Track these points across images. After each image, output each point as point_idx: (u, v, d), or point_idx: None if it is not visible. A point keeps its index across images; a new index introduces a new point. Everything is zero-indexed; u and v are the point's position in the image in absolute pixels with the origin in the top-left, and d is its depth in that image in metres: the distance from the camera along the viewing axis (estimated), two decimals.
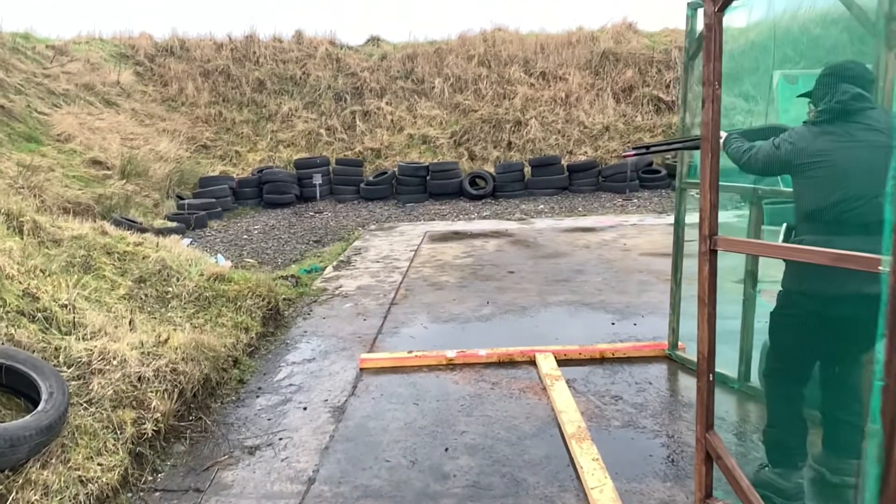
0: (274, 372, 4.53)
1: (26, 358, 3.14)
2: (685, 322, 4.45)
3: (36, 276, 4.10)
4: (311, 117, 16.56)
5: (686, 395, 3.89)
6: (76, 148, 11.81)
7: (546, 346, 4.63)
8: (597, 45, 17.31)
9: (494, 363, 4.48)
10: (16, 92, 12.54)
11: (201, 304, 5.08)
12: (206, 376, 3.90)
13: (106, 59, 16.67)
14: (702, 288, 2.63)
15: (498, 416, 3.70)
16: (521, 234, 9.31)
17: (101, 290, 4.69)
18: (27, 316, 3.66)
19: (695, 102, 4.33)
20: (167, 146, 13.70)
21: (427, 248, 8.53)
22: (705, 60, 2.53)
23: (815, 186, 2.72)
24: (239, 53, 18.15)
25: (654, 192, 13.23)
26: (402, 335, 5.22)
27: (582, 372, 4.28)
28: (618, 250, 7.88)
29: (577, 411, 3.61)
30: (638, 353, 4.52)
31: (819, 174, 2.69)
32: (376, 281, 6.95)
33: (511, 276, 6.87)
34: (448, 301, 6.05)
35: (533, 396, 3.95)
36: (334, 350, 4.91)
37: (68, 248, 4.98)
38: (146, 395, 3.48)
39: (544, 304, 5.80)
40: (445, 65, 17.62)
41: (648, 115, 15.61)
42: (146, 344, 3.82)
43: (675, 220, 4.43)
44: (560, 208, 12.01)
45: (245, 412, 3.90)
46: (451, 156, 15.25)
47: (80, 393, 3.32)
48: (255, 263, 8.21)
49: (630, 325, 5.19)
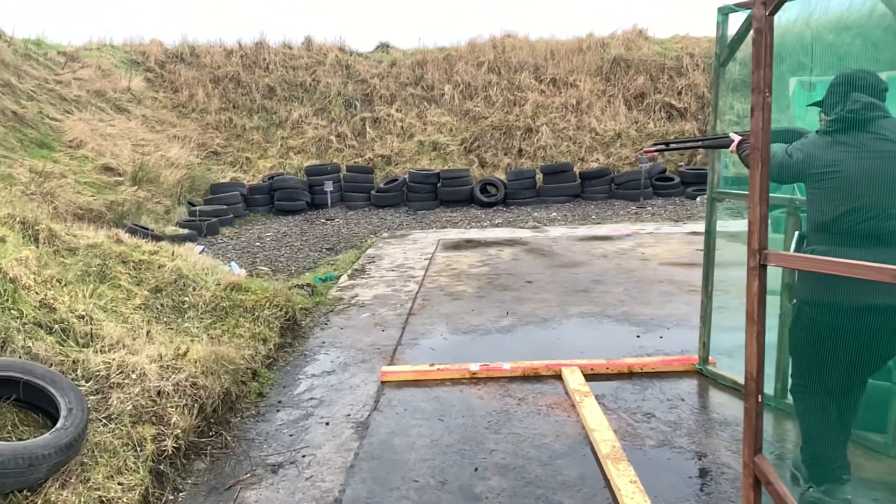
0: (294, 385, 4.42)
1: (44, 373, 3.05)
2: (716, 335, 4.34)
3: (52, 286, 4.02)
4: (322, 124, 16.51)
5: (721, 413, 3.77)
6: (88, 154, 11.78)
7: (572, 360, 4.51)
8: (607, 52, 17.23)
9: (519, 377, 4.37)
10: (28, 98, 12.53)
11: (218, 314, 4.99)
12: (226, 390, 3.80)
13: (117, 66, 16.68)
14: (750, 304, 2.52)
15: (527, 433, 3.59)
16: (535, 242, 9.20)
17: (117, 300, 4.61)
18: (44, 328, 3.57)
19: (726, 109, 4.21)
20: (178, 152, 13.66)
21: (441, 257, 8.43)
22: (755, 66, 2.42)
23: (826, 197, 2.69)
24: (249, 60, 18.14)
25: (668, 199, 13.12)
26: (421, 347, 5.11)
27: (610, 387, 4.16)
28: (636, 260, 7.76)
29: (610, 429, 3.49)
30: (667, 368, 4.39)
31: (830, 184, 2.65)
32: (392, 290, 6.84)
33: (529, 285, 6.76)
34: (466, 312, 5.94)
35: (562, 413, 3.83)
36: (354, 362, 4.80)
37: (84, 256, 4.90)
38: (166, 410, 3.38)
39: (565, 316, 5.68)
40: (455, 71, 17.56)
41: (661, 122, 15.50)
42: (165, 357, 3.72)
43: (705, 230, 4.32)
44: (573, 216, 11.90)
45: (266, 427, 3.79)
46: (461, 163, 15.17)
47: (98, 408, 3.23)
48: (269, 271, 8.12)
49: (656, 337, 5.07)
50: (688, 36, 18.29)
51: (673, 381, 4.25)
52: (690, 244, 8.52)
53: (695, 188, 13.30)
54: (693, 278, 6.73)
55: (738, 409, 3.75)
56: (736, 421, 3.59)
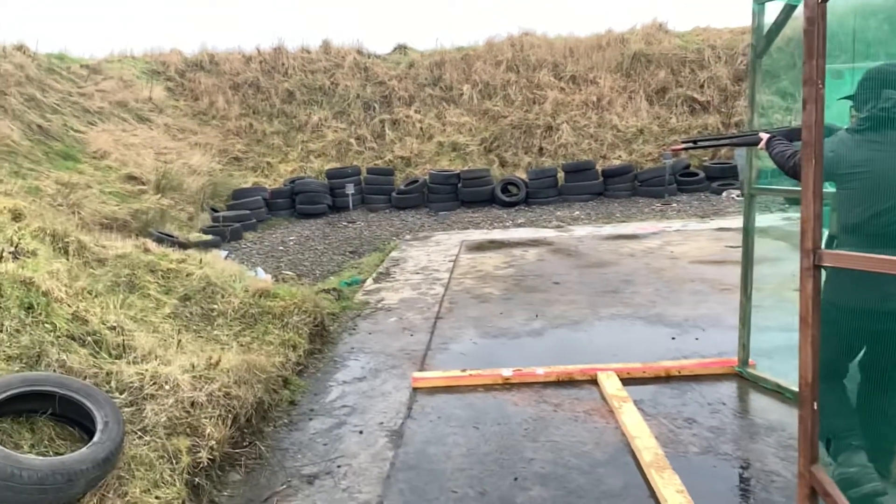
0: (325, 392, 4.38)
1: (80, 386, 3.03)
2: (755, 336, 4.22)
3: (84, 298, 4.01)
4: (341, 127, 16.53)
5: (764, 417, 3.65)
6: (112, 164, 11.88)
7: (606, 364, 4.41)
8: (627, 47, 17.04)
9: (553, 382, 4.28)
10: (52, 111, 12.68)
11: (247, 321, 4.97)
12: (259, 399, 3.77)
13: (138, 76, 16.83)
14: (804, 307, 2.41)
15: (566, 441, 3.50)
16: (560, 242, 9.10)
17: (147, 310, 4.60)
18: (77, 340, 3.56)
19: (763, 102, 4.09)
20: (200, 159, 13.74)
21: (466, 259, 8.36)
22: (807, 57, 2.32)
23: (855, 197, 2.64)
24: (267, 65, 18.22)
25: (693, 195, 12.93)
26: (451, 351, 5.04)
27: (648, 392, 4.06)
28: (665, 258, 7.63)
29: (651, 436, 3.40)
30: (705, 371, 4.28)
31: (860, 184, 2.59)
32: (418, 293, 6.79)
33: (557, 287, 6.67)
34: (495, 315, 5.87)
35: (600, 419, 3.74)
36: (384, 368, 4.75)
37: (113, 267, 4.91)
38: (200, 421, 3.35)
39: (597, 318, 5.58)
40: (473, 71, 17.48)
41: (683, 117, 15.29)
42: (197, 366, 3.69)
43: (743, 227, 4.20)
44: (597, 214, 11.76)
45: (299, 437, 3.75)
46: (481, 163, 15.10)
47: (133, 420, 3.20)
48: (294, 276, 8.10)
49: (691, 339, 4.95)
50: (709, 28, 18.03)
51: (712, 384, 4.14)
52: (719, 241, 8.36)
53: (720, 183, 13.10)
54: (725, 276, 6.60)
55: (783, 413, 3.65)
56: (781, 426, 3.48)
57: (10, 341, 3.19)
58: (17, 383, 2.87)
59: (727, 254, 7.68)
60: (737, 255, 7.56)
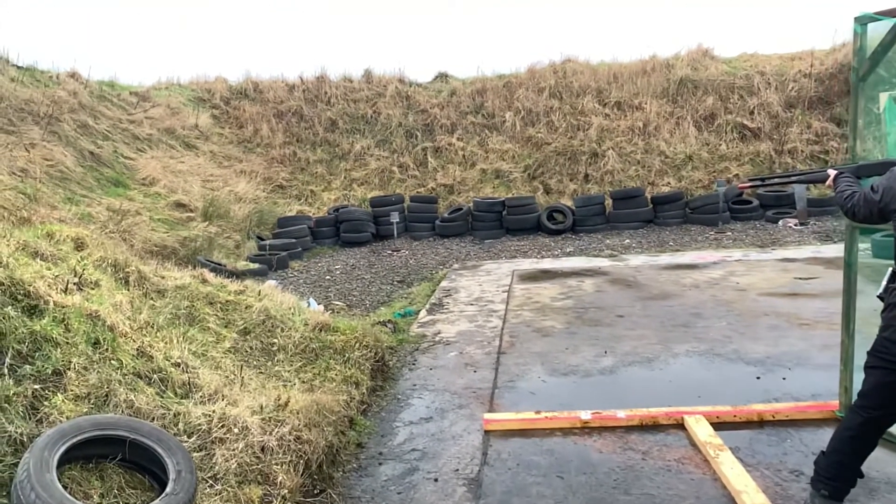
0: (392, 434, 4.16)
1: (150, 430, 2.86)
2: (858, 378, 3.88)
3: (147, 332, 3.88)
4: (384, 155, 16.53)
5: (881, 470, 3.31)
6: (160, 191, 11.99)
7: (692, 407, 4.11)
8: (673, 73, 16.79)
9: (636, 427, 3.99)
10: (103, 138, 12.90)
11: (308, 356, 4.79)
12: (329, 443, 3.56)
13: (184, 104, 17.12)
14: None
15: (661, 494, 3.21)
16: (616, 272, 8.80)
17: (207, 344, 4.46)
18: (143, 378, 3.40)
19: (867, 129, 3.81)
20: (245, 187, 13.83)
21: (520, 289, 8.11)
22: None
23: None
24: (311, 94, 18.40)
25: (747, 223, 12.51)
26: (519, 390, 4.78)
27: (742, 438, 3.75)
28: (731, 290, 7.27)
29: (759, 491, 3.09)
30: (802, 416, 3.95)
31: None
32: (475, 326, 6.56)
33: (621, 320, 6.37)
34: (560, 350, 5.60)
35: (695, 469, 3.44)
36: (451, 408, 4.51)
37: (172, 298, 4.78)
38: (271, 467, 3.15)
39: (671, 354, 5.28)
40: (515, 98, 17.39)
41: (733, 143, 14.91)
42: (266, 407, 3.51)
43: (845, 261, 3.88)
44: (648, 243, 11.43)
45: (371, 483, 3.52)
46: (525, 190, 14.91)
47: (203, 466, 3.02)
48: (344, 306, 7.96)
49: (778, 379, 4.62)
50: (756, 54, 17.70)
51: (812, 430, 3.81)
52: (786, 272, 7.98)
53: (775, 211, 12.67)
54: (800, 311, 6.24)
55: None
56: None
57: (78, 380, 3.05)
58: (87, 427, 2.71)
59: (797, 286, 7.30)
60: (809, 288, 7.24)
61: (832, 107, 15.10)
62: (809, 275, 7.75)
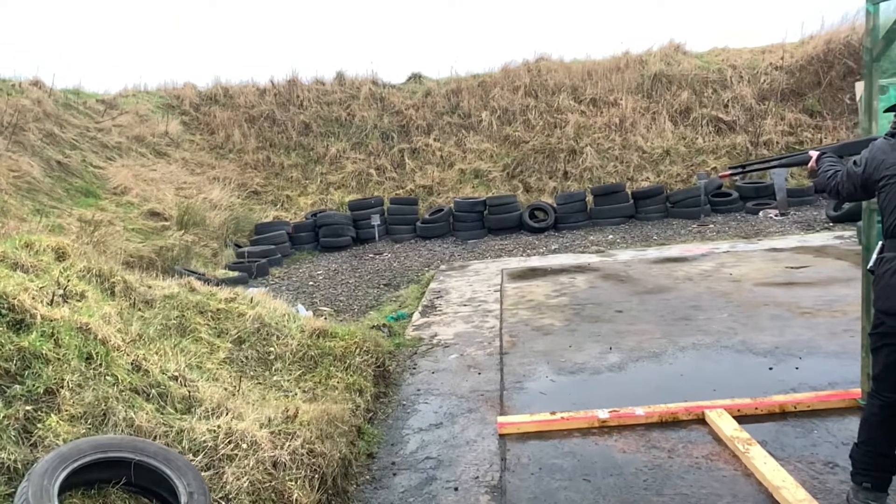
0: (401, 442, 3.97)
1: (156, 450, 2.64)
2: None
3: (140, 344, 3.64)
4: (360, 158, 16.28)
5: None
6: (133, 200, 11.60)
7: (711, 401, 4.00)
8: (646, 69, 16.83)
9: (657, 423, 3.87)
10: (71, 147, 12.45)
11: (307, 364, 4.58)
12: (343, 456, 3.36)
13: (153, 111, 16.65)
14: None
15: (696, 494, 3.08)
16: (607, 267, 8.71)
17: (201, 355, 4.22)
18: (141, 394, 3.17)
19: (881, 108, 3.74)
20: (219, 194, 13.46)
21: (511, 288, 7.97)
22: None
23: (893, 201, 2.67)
24: (282, 98, 18.05)
25: (728, 216, 12.55)
26: (529, 391, 4.63)
27: (767, 431, 3.65)
28: (726, 282, 7.22)
29: (798, 486, 2.97)
30: (824, 405, 3.87)
31: None
32: (472, 327, 6.40)
33: (621, 315, 6.26)
34: (563, 348, 5.46)
35: (725, 465, 3.32)
36: (460, 412, 4.34)
37: (161, 309, 4.53)
38: (285, 484, 2.95)
39: (678, 348, 5.17)
40: (491, 97, 17.27)
41: (709, 137, 14.99)
42: (274, 420, 3.30)
43: (863, 246, 3.81)
44: (632, 238, 11.39)
45: (387, 496, 3.33)
46: (504, 189, 14.79)
47: (213, 486, 2.80)
48: (332, 312, 7.72)
49: (791, 369, 4.54)
50: (727, 48, 17.83)
51: (837, 419, 3.72)
52: (777, 262, 7.97)
53: (755, 202, 12.74)
54: (799, 299, 6.21)
55: None
56: None
57: (72, 398, 2.81)
58: (88, 449, 2.49)
59: (791, 275, 7.28)
60: (802, 276, 7.22)
61: (804, 98, 15.28)
62: (800, 264, 7.74)
